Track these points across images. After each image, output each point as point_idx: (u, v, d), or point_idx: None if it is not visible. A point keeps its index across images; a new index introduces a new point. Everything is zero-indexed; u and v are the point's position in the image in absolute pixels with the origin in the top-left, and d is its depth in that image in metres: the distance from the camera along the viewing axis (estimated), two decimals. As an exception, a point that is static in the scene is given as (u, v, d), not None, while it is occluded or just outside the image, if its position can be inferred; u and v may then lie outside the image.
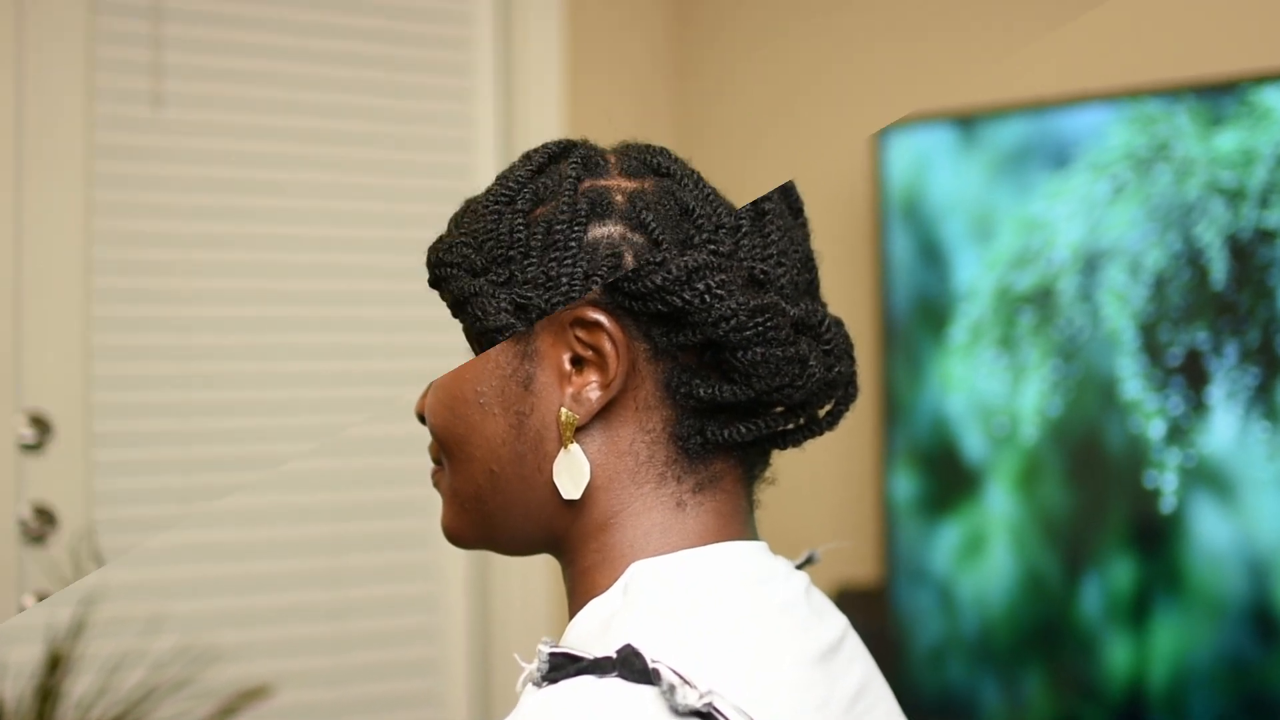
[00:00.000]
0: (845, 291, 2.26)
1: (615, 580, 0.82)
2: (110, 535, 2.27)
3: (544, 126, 2.62)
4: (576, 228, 0.85)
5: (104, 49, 2.31)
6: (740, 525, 0.86)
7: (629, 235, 0.86)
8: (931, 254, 2.06)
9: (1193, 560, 1.78)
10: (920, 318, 2.07)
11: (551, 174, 0.89)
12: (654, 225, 0.85)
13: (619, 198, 0.87)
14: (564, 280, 0.84)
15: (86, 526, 2.23)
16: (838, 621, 0.86)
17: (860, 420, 2.30)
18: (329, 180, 2.50)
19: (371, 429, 2.53)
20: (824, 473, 2.40)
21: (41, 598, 2.15)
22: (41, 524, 2.19)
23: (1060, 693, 1.91)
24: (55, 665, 1.94)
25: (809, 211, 0.96)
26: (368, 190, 2.52)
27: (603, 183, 0.88)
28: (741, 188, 1.07)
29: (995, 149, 1.98)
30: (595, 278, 0.84)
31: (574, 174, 0.88)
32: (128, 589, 2.22)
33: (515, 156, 1.55)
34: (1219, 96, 1.77)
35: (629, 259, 0.85)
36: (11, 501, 2.20)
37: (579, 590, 0.84)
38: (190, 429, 2.38)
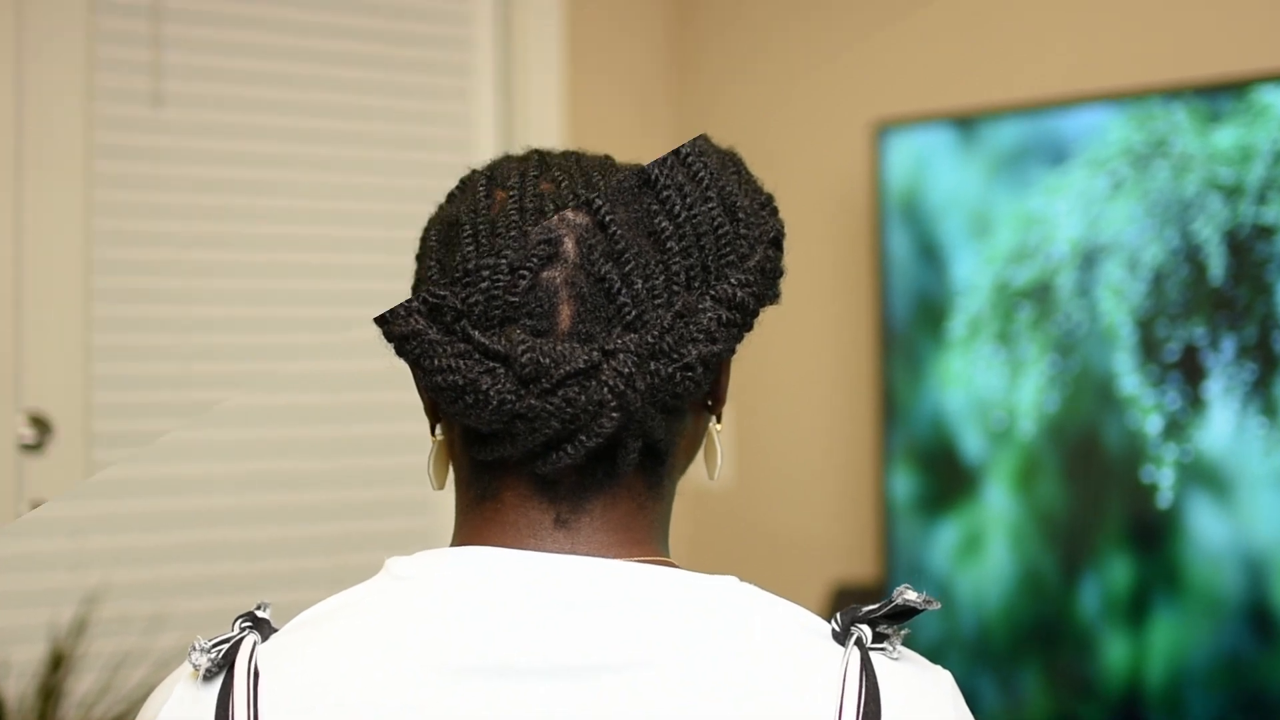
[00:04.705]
0: (845, 290, 2.30)
1: None
2: (110, 535, 2.29)
3: (544, 127, 2.65)
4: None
5: (104, 49, 2.34)
6: (516, 534, 0.81)
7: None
8: (930, 252, 2.06)
9: (1190, 558, 1.77)
10: (919, 316, 2.07)
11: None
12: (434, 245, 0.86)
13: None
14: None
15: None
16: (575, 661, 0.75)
17: (859, 419, 2.31)
18: (328, 180, 2.53)
19: (379, 429, 2.52)
20: (824, 471, 2.40)
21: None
22: (40, 524, 2.11)
23: (1058, 691, 1.90)
24: (58, 664, 1.94)
25: (808, 211, 0.92)
26: (367, 190, 2.55)
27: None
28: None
29: (994, 148, 1.99)
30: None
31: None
32: (130, 588, 2.21)
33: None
34: (1217, 94, 1.77)
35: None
36: (12, 501, 2.21)
37: None
38: (191, 430, 2.40)
